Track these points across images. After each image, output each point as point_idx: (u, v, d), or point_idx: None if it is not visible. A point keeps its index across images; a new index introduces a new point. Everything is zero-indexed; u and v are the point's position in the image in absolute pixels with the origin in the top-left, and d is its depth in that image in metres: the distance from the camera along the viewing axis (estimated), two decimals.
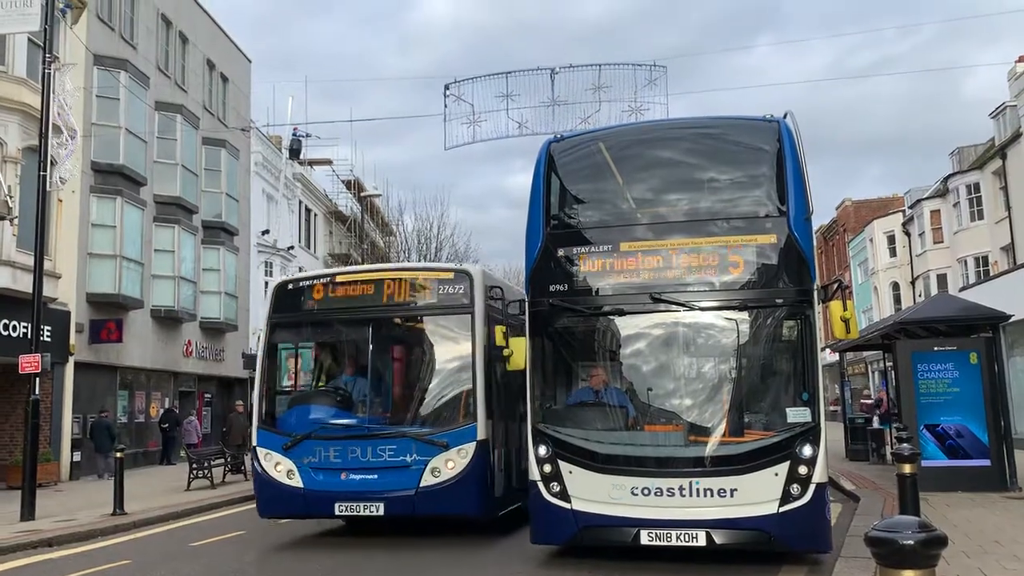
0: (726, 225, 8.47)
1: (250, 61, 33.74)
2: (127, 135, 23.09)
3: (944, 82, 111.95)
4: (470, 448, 9.52)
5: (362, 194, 38.77)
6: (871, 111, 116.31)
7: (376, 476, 9.63)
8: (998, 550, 8.11)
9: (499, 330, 9.46)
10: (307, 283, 10.69)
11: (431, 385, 10.59)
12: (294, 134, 33.64)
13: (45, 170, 14.36)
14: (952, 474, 12.69)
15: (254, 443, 10.35)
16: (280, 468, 9.97)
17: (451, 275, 10.45)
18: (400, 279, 10.55)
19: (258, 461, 10.19)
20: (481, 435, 9.61)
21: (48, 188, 14.77)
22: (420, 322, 10.68)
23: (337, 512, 9.82)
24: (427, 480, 9.49)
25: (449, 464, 9.51)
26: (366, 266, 11.78)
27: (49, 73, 14.55)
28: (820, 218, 57.23)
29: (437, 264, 16.24)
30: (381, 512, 9.56)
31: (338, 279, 10.64)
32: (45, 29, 14.67)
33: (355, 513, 9.72)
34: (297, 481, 9.87)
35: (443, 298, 10.24)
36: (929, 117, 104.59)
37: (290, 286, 10.78)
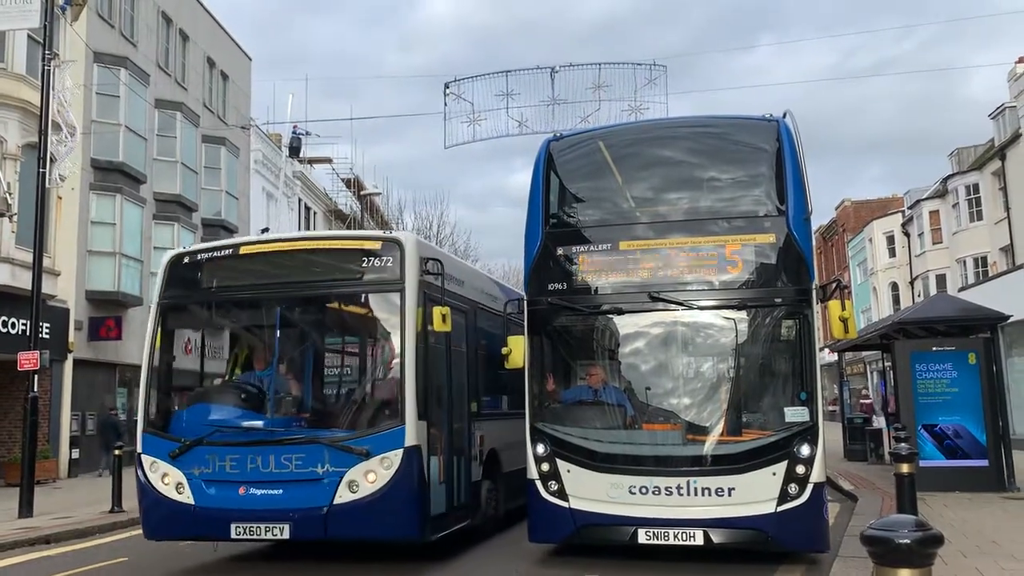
0: (725, 224, 8.48)
1: (250, 59, 33.73)
2: (127, 132, 23.09)
3: (944, 83, 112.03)
4: (396, 456, 7.90)
5: (362, 192, 38.75)
6: (871, 111, 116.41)
7: (281, 491, 8.05)
8: (995, 550, 8.11)
9: (438, 311, 8.36)
10: (205, 256, 9.05)
11: (350, 379, 9.28)
12: (294, 132, 33.60)
13: (44, 167, 14.36)
14: (950, 474, 12.70)
15: (138, 450, 8.73)
16: (168, 480, 8.41)
17: (377, 244, 8.62)
18: (316, 249, 9.00)
19: (142, 471, 8.59)
20: (411, 440, 7.98)
21: (47, 185, 14.77)
22: (339, 301, 9.03)
23: (234, 534, 8.20)
24: (343, 496, 7.91)
25: (370, 476, 7.89)
26: (276, 235, 9.84)
27: (49, 70, 14.55)
28: (819, 218, 57.32)
29: (361, 232, 14.30)
30: (286, 535, 8.05)
31: (242, 250, 9.02)
32: (45, 26, 14.68)
33: (255, 536, 8.20)
34: (187, 496, 8.32)
35: (367, 272, 8.56)
36: (929, 118, 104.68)
37: (186, 259, 9.07)
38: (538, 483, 8.35)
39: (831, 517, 9.13)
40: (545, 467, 8.32)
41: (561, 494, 8.23)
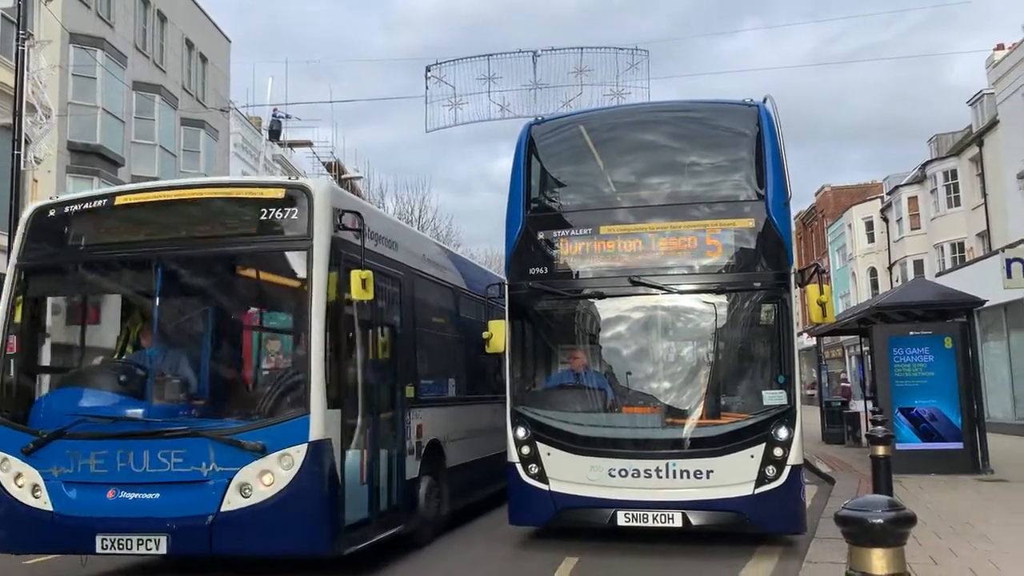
0: (705, 209, 8.54)
1: (229, 41, 33.38)
2: (104, 115, 22.80)
3: (928, 69, 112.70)
4: (298, 453, 6.50)
5: (343, 176, 38.52)
6: (855, 98, 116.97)
7: (157, 495, 6.65)
8: (969, 531, 8.24)
9: (357, 275, 6.92)
10: (75, 207, 7.54)
11: (244, 357, 7.91)
12: (274, 115, 33.29)
13: (19, 149, 14.19)
14: (926, 457, 12.87)
15: None
16: (22, 482, 6.97)
17: (280, 193, 7.10)
18: (207, 199, 7.40)
19: None
20: (317, 433, 6.56)
21: (23, 167, 14.60)
22: (233, 262, 7.50)
23: (100, 548, 6.73)
24: (232, 502, 6.52)
25: (266, 478, 6.50)
26: (159, 183, 9.23)
27: (23, 50, 14.36)
28: (800, 203, 57.58)
29: (262, 178, 12.10)
30: (163, 549, 6.62)
31: (118, 200, 7.47)
32: (19, 5, 14.46)
33: (125, 550, 6.72)
34: (45, 501, 6.88)
35: (268, 226, 7.04)
36: (912, 104, 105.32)
37: (51, 212, 7.58)
38: (518, 466, 8.38)
39: (808, 499, 9.23)
40: (525, 450, 8.35)
41: (541, 477, 8.26)
